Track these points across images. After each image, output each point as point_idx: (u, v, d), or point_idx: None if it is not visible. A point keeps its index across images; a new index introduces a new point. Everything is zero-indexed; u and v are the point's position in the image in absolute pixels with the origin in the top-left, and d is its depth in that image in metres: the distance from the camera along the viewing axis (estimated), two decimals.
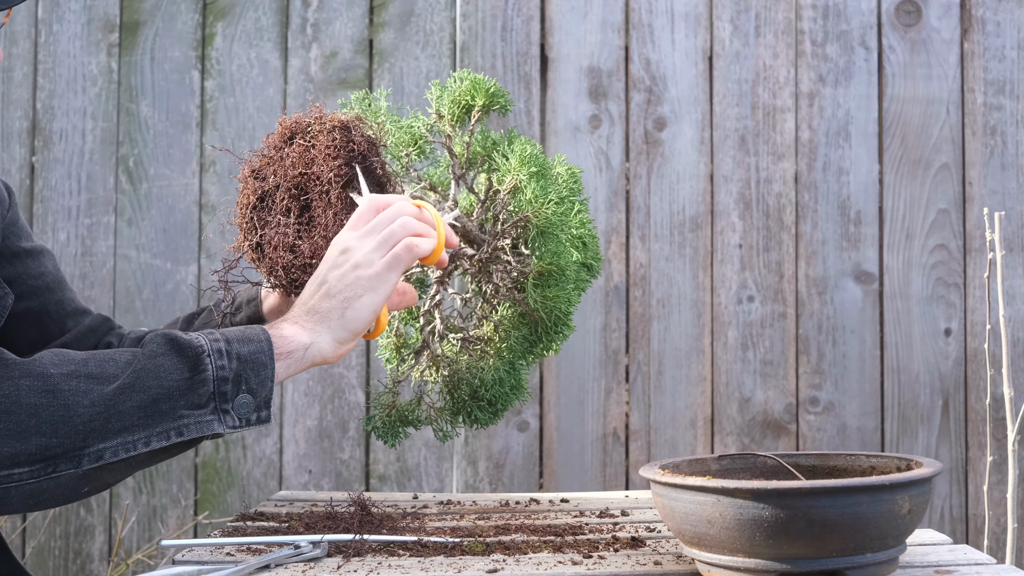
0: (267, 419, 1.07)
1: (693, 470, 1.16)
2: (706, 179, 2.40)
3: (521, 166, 1.31)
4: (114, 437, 1.00)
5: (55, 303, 1.40)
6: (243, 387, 1.05)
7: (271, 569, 1.13)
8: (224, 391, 1.04)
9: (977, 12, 2.42)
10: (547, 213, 1.28)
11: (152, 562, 2.27)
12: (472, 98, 1.38)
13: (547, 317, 1.33)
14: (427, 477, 2.36)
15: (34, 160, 2.39)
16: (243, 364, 1.05)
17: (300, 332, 1.10)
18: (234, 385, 1.04)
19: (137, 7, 2.40)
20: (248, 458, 2.35)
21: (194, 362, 1.03)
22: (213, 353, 1.04)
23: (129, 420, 1.00)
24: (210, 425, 1.04)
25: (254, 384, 1.06)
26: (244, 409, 1.05)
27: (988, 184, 2.40)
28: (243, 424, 1.06)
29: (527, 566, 1.12)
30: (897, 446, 2.37)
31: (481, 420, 1.41)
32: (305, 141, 1.26)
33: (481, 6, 2.40)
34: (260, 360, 1.06)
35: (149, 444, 1.01)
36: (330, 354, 1.12)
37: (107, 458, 1.00)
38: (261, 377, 1.06)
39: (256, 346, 1.06)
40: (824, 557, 0.99)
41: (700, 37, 2.41)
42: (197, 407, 1.03)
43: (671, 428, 2.36)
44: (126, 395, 1.00)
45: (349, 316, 1.12)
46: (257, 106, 2.39)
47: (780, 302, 2.38)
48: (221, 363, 1.04)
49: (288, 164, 1.25)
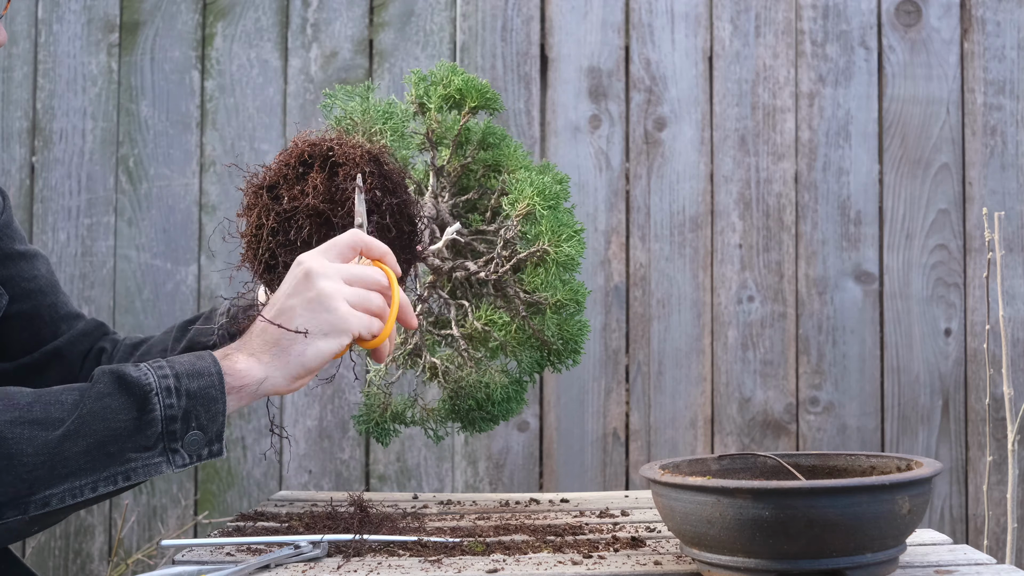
0: (219, 452, 1.05)
1: (693, 470, 1.16)
2: (706, 179, 2.40)
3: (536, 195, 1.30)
4: (60, 483, 0.98)
5: (48, 306, 1.39)
6: (193, 424, 1.02)
7: (271, 569, 1.13)
8: (173, 430, 1.02)
9: (977, 12, 2.42)
10: (568, 250, 1.28)
11: (152, 562, 2.28)
12: (462, 96, 1.38)
13: (562, 346, 1.34)
14: (427, 477, 2.36)
15: (34, 160, 2.39)
16: (193, 400, 1.02)
17: (255, 366, 1.06)
18: (183, 423, 1.02)
19: (137, 7, 2.40)
20: (248, 458, 2.35)
21: (142, 402, 1.01)
22: (161, 392, 1.01)
23: (75, 465, 0.98)
24: (158, 467, 1.02)
25: (204, 420, 1.03)
26: (194, 446, 1.03)
27: (988, 184, 2.40)
28: (193, 460, 1.04)
29: (527, 566, 1.12)
30: (897, 446, 2.37)
31: (481, 428, 1.41)
32: (330, 172, 1.21)
33: (481, 6, 2.40)
34: (211, 395, 1.03)
35: (96, 490, 1.00)
36: (283, 389, 1.08)
37: (54, 504, 0.98)
38: (212, 412, 1.03)
39: (207, 380, 1.03)
40: (824, 557, 0.99)
41: (700, 37, 2.41)
42: (145, 449, 1.01)
43: (671, 428, 2.36)
44: (72, 441, 0.98)
45: (309, 354, 1.07)
46: (257, 106, 2.39)
47: (780, 302, 2.38)
48: (170, 401, 1.01)
49: (310, 190, 1.21)
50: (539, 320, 1.34)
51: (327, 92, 1.40)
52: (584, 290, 1.33)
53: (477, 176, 1.43)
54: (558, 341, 1.35)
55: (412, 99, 1.42)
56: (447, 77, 1.40)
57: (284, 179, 1.24)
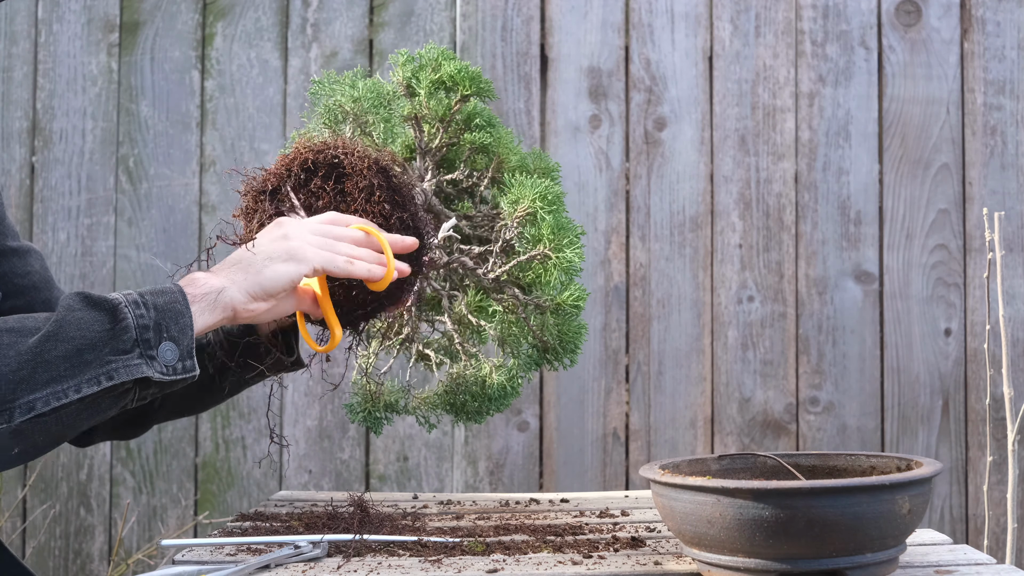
0: (193, 368, 1.07)
1: (693, 470, 1.16)
2: (706, 179, 2.40)
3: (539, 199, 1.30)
4: (43, 387, 1.00)
5: (42, 302, 1.40)
6: (164, 334, 1.05)
7: (271, 569, 1.13)
8: (147, 338, 1.04)
9: (977, 12, 2.42)
10: (571, 256, 1.29)
11: (152, 562, 2.28)
12: (454, 82, 1.37)
13: (561, 347, 1.35)
14: (427, 477, 2.36)
15: (34, 160, 2.39)
16: (160, 313, 1.06)
17: (213, 278, 1.12)
18: (155, 333, 1.05)
19: (137, 7, 2.40)
20: (248, 458, 2.35)
21: (112, 313, 1.04)
22: (130, 304, 1.05)
23: (56, 370, 1.00)
24: (139, 368, 1.03)
25: (175, 332, 1.06)
26: (170, 356, 1.06)
27: (988, 184, 2.40)
28: (171, 373, 1.05)
29: (527, 566, 1.12)
30: (897, 446, 2.37)
31: (475, 420, 1.42)
32: (336, 182, 1.21)
33: (481, 6, 2.40)
34: (176, 309, 1.07)
35: (80, 391, 1.01)
36: (241, 304, 1.12)
37: (39, 408, 0.99)
38: (180, 325, 1.06)
39: (170, 296, 1.07)
40: (824, 557, 0.99)
41: (700, 37, 2.41)
42: (123, 352, 1.03)
43: (671, 428, 2.36)
44: (51, 344, 1.00)
45: (266, 274, 1.12)
46: (257, 106, 2.39)
47: (780, 302, 2.38)
48: (140, 312, 1.04)
49: (315, 199, 1.21)
50: (538, 321, 1.34)
51: (315, 80, 1.40)
52: (585, 294, 1.34)
53: (463, 156, 1.42)
54: (557, 343, 1.35)
55: (400, 81, 1.41)
56: (436, 61, 1.39)
57: (285, 182, 1.23)
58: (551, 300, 1.33)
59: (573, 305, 1.33)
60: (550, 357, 1.38)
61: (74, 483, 2.35)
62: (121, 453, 2.35)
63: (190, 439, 2.36)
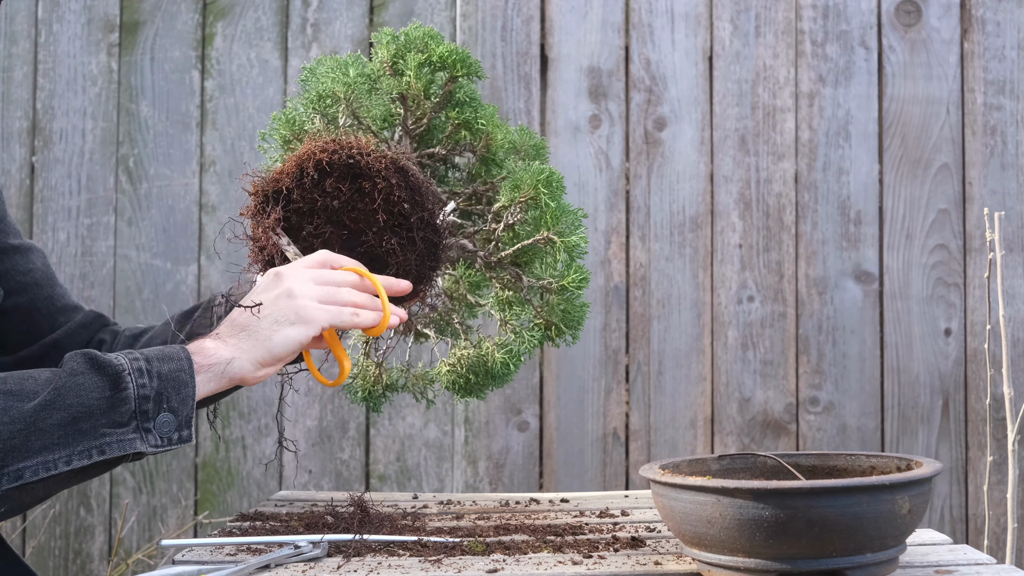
0: (188, 439, 1.06)
1: (693, 470, 1.16)
2: (706, 179, 2.40)
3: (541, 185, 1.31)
4: (34, 456, 0.98)
5: (44, 299, 1.40)
6: (164, 405, 1.04)
7: (271, 569, 1.13)
8: (146, 409, 1.03)
9: (977, 12, 2.42)
10: (575, 240, 1.31)
11: (152, 562, 2.27)
12: (443, 64, 1.37)
13: (565, 325, 1.36)
14: (427, 477, 2.36)
15: (34, 160, 2.39)
16: (164, 382, 1.04)
17: (222, 347, 1.10)
18: (155, 404, 1.04)
19: (137, 7, 2.40)
20: (248, 458, 2.35)
21: (115, 380, 1.02)
22: (133, 372, 1.03)
23: (50, 438, 0.99)
24: (132, 443, 1.03)
25: (175, 403, 1.05)
26: (166, 428, 1.05)
27: (988, 184, 2.40)
28: (165, 444, 1.05)
29: (527, 566, 1.12)
30: (897, 446, 2.37)
31: (478, 396, 1.43)
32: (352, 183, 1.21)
33: (481, 6, 2.40)
34: (181, 379, 1.05)
35: (70, 463, 1.00)
36: (250, 373, 1.11)
37: (27, 477, 0.98)
38: (182, 396, 1.05)
39: (176, 364, 1.05)
40: (824, 557, 0.99)
41: (700, 37, 2.41)
42: (119, 425, 1.02)
43: (671, 428, 2.36)
44: (47, 412, 0.99)
45: (276, 340, 1.11)
46: (257, 106, 2.39)
47: (780, 302, 2.38)
48: (142, 381, 1.03)
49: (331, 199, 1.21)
50: (541, 302, 1.35)
51: (306, 66, 1.39)
52: (587, 275, 1.36)
53: (445, 131, 1.42)
54: (560, 322, 1.36)
55: (386, 60, 1.40)
56: (423, 41, 1.39)
57: (300, 186, 1.23)
58: (555, 282, 1.34)
59: (577, 286, 1.34)
60: (552, 334, 1.39)
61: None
62: None
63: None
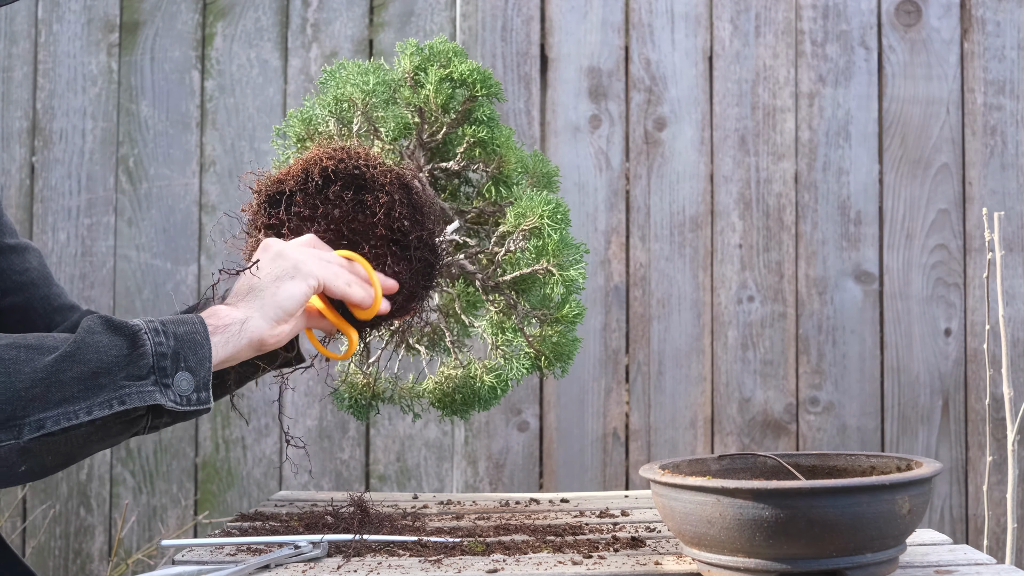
0: (207, 401, 1.07)
1: (693, 470, 1.16)
2: (706, 179, 2.40)
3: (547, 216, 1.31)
4: (55, 407, 0.99)
5: (40, 298, 1.40)
6: (182, 364, 1.05)
7: (271, 569, 1.13)
8: (164, 366, 1.04)
9: (977, 12, 2.42)
10: (574, 275, 1.31)
11: (152, 562, 2.28)
12: (464, 82, 1.37)
13: (555, 357, 1.36)
14: (427, 477, 2.36)
15: (34, 160, 2.39)
16: (180, 342, 1.06)
17: (233, 310, 1.12)
18: (173, 361, 1.05)
19: (137, 7, 2.40)
20: (248, 458, 2.35)
21: (132, 338, 1.04)
22: (150, 331, 1.05)
23: (70, 390, 1.00)
24: (152, 395, 1.03)
25: (192, 363, 1.06)
26: (184, 386, 1.06)
27: (988, 184, 2.41)
28: (183, 403, 1.06)
29: (527, 566, 1.12)
30: (897, 446, 2.37)
31: (462, 416, 1.43)
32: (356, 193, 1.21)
33: (481, 6, 2.40)
34: (196, 340, 1.07)
35: (91, 413, 1.01)
36: (266, 331, 1.12)
37: (48, 427, 0.99)
38: (199, 356, 1.06)
39: (191, 327, 1.07)
40: (824, 557, 0.99)
41: (700, 37, 2.41)
42: (138, 378, 1.03)
43: (671, 428, 2.36)
44: (67, 364, 1.00)
45: (281, 294, 1.13)
46: (257, 106, 2.39)
47: (780, 302, 2.38)
48: (159, 340, 1.05)
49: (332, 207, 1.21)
50: (535, 332, 1.35)
51: (327, 68, 1.39)
52: (583, 310, 1.36)
53: (460, 147, 1.42)
54: (550, 354, 1.36)
55: (408, 71, 1.41)
56: (447, 56, 1.39)
57: (303, 190, 1.23)
58: (551, 315, 1.34)
59: (571, 320, 1.34)
60: (542, 365, 1.39)
61: (74, 483, 2.35)
62: (121, 453, 2.35)
63: (190, 439, 2.36)
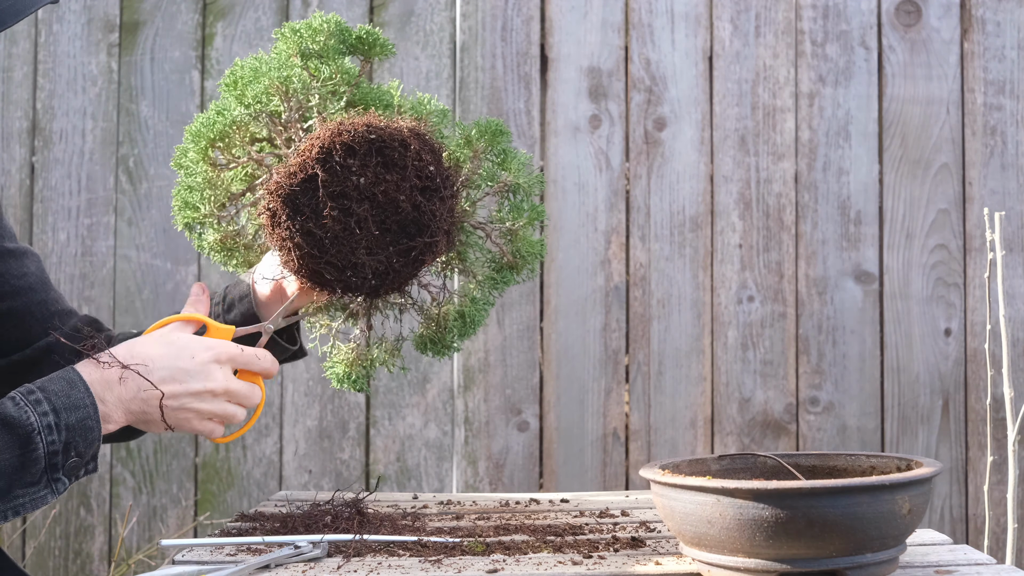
0: (94, 470, 1.14)
1: (693, 470, 1.16)
2: (706, 179, 2.40)
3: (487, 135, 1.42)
4: None
5: (38, 303, 1.40)
6: (72, 453, 1.10)
7: (271, 569, 1.13)
8: (55, 463, 1.09)
9: (977, 12, 2.42)
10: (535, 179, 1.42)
11: (152, 562, 2.28)
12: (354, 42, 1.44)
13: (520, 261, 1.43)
14: (427, 477, 2.36)
15: (34, 160, 2.39)
16: (72, 433, 1.09)
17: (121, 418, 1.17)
18: (64, 455, 1.09)
19: (137, 7, 2.40)
20: (248, 458, 2.35)
21: (25, 440, 1.06)
22: (43, 430, 1.07)
23: None
24: (44, 499, 1.09)
25: (82, 448, 1.11)
26: (74, 469, 1.11)
27: (988, 184, 2.41)
28: (71, 482, 1.12)
29: (527, 566, 1.12)
30: (897, 446, 2.37)
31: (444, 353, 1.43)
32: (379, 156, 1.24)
33: (481, 6, 2.40)
34: (87, 425, 1.11)
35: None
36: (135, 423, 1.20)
37: None
38: (88, 440, 1.11)
39: (83, 412, 1.10)
40: (824, 557, 0.99)
41: (700, 37, 2.41)
42: (31, 485, 1.07)
43: (671, 428, 2.36)
44: None
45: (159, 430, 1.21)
46: None
47: (780, 302, 2.38)
48: (51, 438, 1.08)
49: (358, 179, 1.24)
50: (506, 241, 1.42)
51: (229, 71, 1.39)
52: (543, 211, 1.44)
53: None
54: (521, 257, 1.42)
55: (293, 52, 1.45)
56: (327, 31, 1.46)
57: (325, 169, 1.23)
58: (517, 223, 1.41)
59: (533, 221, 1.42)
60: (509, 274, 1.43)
61: (74, 483, 2.35)
62: (121, 453, 2.35)
63: (190, 439, 2.36)
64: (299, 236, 1.24)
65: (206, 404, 1.21)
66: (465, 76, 2.40)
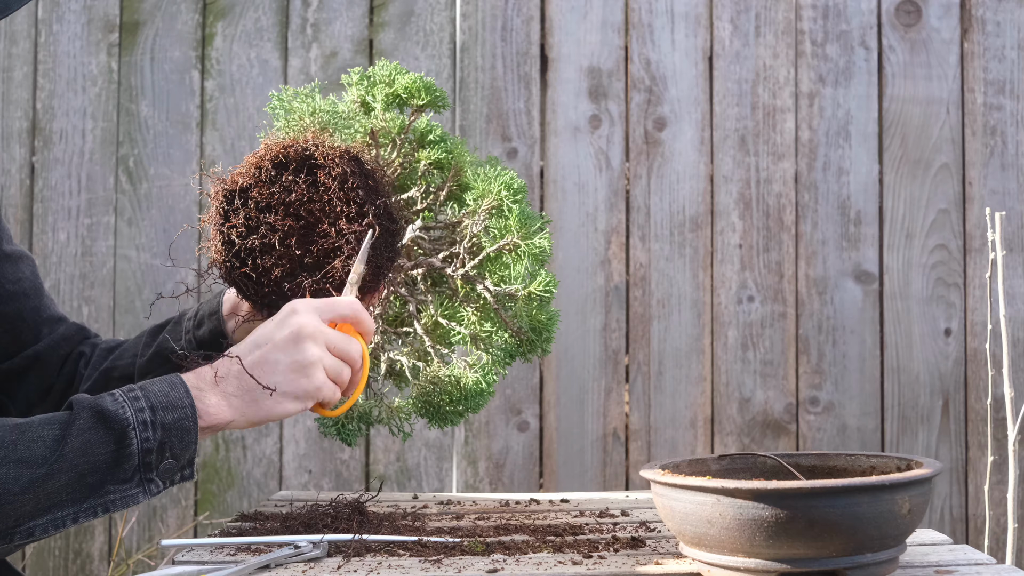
0: (191, 476, 1.10)
1: (693, 470, 1.16)
2: (706, 179, 2.40)
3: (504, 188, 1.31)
4: (44, 515, 1.03)
5: (31, 309, 1.39)
6: (167, 454, 1.07)
7: (271, 569, 1.13)
8: (149, 461, 1.06)
9: (977, 12, 2.42)
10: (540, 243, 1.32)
11: (152, 562, 2.28)
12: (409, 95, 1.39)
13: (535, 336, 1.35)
14: (427, 477, 2.36)
15: (34, 160, 2.39)
16: (167, 432, 1.07)
17: (224, 409, 1.11)
18: (158, 454, 1.07)
19: (137, 7, 2.40)
20: (248, 458, 2.35)
21: (120, 436, 1.05)
22: (138, 426, 1.05)
23: (58, 497, 1.03)
24: (135, 498, 1.07)
25: (178, 450, 1.08)
26: (168, 472, 1.08)
27: (988, 184, 2.40)
28: (166, 486, 1.09)
29: (527, 566, 1.12)
30: (897, 446, 2.37)
31: (451, 422, 1.41)
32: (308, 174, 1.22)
33: (481, 6, 2.40)
34: (184, 427, 1.07)
35: (77, 520, 1.05)
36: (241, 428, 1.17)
37: (37, 535, 1.03)
38: (184, 442, 1.08)
39: (180, 413, 1.07)
40: (824, 557, 0.99)
41: (700, 37, 2.41)
42: (123, 481, 1.06)
43: (671, 428, 2.36)
44: (56, 477, 1.02)
45: (276, 412, 1.12)
46: (257, 106, 2.39)
47: (780, 302, 2.38)
48: (146, 435, 1.06)
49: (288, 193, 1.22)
50: (511, 311, 1.35)
51: (274, 94, 1.41)
52: (555, 282, 1.35)
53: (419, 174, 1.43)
54: (529, 331, 1.36)
55: (354, 99, 1.42)
56: (391, 76, 1.41)
57: (257, 181, 1.24)
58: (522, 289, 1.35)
59: (544, 291, 1.34)
60: (524, 348, 1.39)
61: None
62: None
63: None
64: (220, 243, 1.23)
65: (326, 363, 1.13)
66: (465, 76, 2.40)
